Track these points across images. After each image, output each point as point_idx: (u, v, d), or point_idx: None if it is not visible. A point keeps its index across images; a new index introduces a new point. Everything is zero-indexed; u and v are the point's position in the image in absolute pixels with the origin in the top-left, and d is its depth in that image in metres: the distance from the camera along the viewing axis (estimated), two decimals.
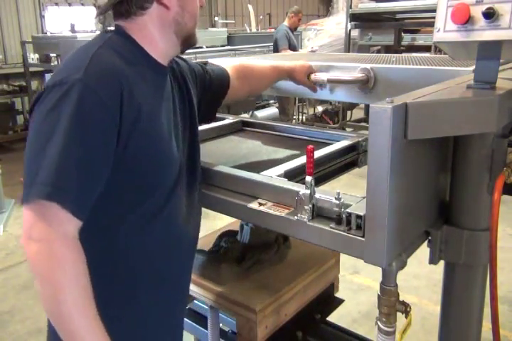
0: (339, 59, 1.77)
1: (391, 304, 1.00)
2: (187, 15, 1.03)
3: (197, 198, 1.14)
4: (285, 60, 1.61)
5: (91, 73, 0.88)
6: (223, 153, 1.45)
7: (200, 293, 1.43)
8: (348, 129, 5.53)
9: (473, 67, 0.91)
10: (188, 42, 1.07)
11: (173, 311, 1.15)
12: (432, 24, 0.92)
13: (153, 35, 1.01)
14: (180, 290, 1.16)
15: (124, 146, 0.91)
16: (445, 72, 1.23)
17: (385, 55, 1.92)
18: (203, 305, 1.55)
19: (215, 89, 1.31)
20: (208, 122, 1.48)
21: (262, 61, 1.56)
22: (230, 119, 1.71)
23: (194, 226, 1.15)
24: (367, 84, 1.40)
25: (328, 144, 1.40)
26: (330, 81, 1.46)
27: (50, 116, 0.85)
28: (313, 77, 1.48)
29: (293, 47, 6.11)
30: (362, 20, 6.03)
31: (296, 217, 0.95)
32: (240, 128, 1.70)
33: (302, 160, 1.17)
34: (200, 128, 1.28)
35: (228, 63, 1.42)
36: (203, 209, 1.18)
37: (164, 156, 1.00)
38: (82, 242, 0.86)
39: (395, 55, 1.84)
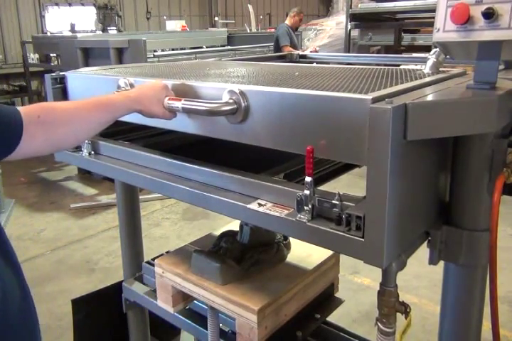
0: (212, 75, 1.37)
1: (391, 305, 1.00)
2: None
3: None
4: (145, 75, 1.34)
5: None
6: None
7: (199, 293, 1.43)
8: None
9: (373, 95, 0.83)
10: None
11: None
12: (431, 24, 0.92)
13: None
14: None
15: None
16: (342, 101, 0.87)
17: (288, 65, 1.67)
18: (202, 306, 1.55)
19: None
20: None
21: (85, 100, 1.11)
22: None
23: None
24: (235, 115, 1.03)
25: None
26: (186, 110, 1.09)
27: None
28: (166, 102, 1.12)
29: (294, 46, 6.12)
30: (362, 20, 6.05)
31: (295, 218, 0.95)
32: None
33: (302, 160, 1.17)
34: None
35: (23, 107, 1.02)
36: (203, 210, 1.17)
37: None
38: None
39: (310, 66, 1.58)
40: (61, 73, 1.56)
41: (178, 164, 1.24)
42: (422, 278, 3.11)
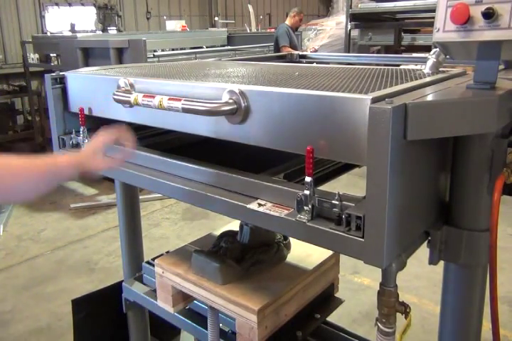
0: (211, 75, 1.38)
1: (391, 305, 1.00)
2: None
3: None
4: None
5: None
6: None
7: (199, 293, 1.43)
8: None
9: (373, 95, 0.83)
10: None
11: None
12: (431, 24, 0.92)
13: None
14: None
15: None
16: (342, 101, 0.87)
17: (289, 65, 1.69)
18: (202, 306, 1.55)
19: None
20: None
21: (28, 166, 1.00)
22: None
23: None
24: (234, 115, 1.03)
25: None
26: (186, 110, 1.09)
27: None
28: (166, 102, 1.12)
29: (294, 46, 6.13)
30: (362, 20, 6.05)
31: (295, 218, 0.95)
32: None
33: (302, 160, 1.17)
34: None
35: None
36: (203, 210, 1.17)
37: None
38: None
39: (310, 66, 1.59)
40: (61, 73, 1.56)
41: (178, 164, 1.24)
42: (422, 278, 3.11)
